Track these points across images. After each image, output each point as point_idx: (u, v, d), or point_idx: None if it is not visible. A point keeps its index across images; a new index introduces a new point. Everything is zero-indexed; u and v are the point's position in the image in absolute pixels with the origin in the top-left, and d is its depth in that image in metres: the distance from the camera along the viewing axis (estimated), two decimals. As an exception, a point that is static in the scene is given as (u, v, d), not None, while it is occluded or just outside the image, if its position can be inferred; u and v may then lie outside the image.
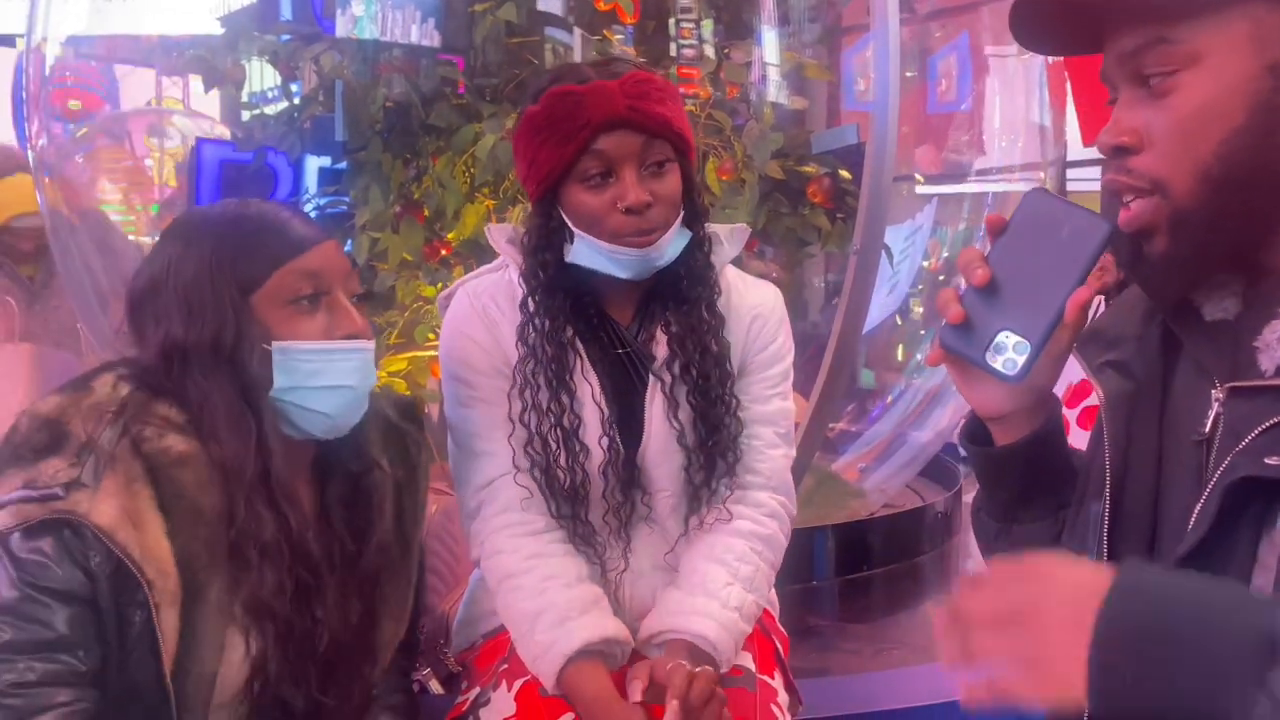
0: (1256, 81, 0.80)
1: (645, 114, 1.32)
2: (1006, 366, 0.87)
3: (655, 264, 1.37)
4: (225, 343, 1.16)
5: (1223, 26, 0.80)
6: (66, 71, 3.29)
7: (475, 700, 1.38)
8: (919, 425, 3.49)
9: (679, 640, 1.35)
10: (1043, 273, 0.87)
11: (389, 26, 2.83)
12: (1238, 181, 0.81)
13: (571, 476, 1.38)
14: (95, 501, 1.09)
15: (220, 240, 1.19)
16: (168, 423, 1.16)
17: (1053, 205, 0.89)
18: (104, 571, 1.10)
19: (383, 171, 2.89)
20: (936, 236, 4.04)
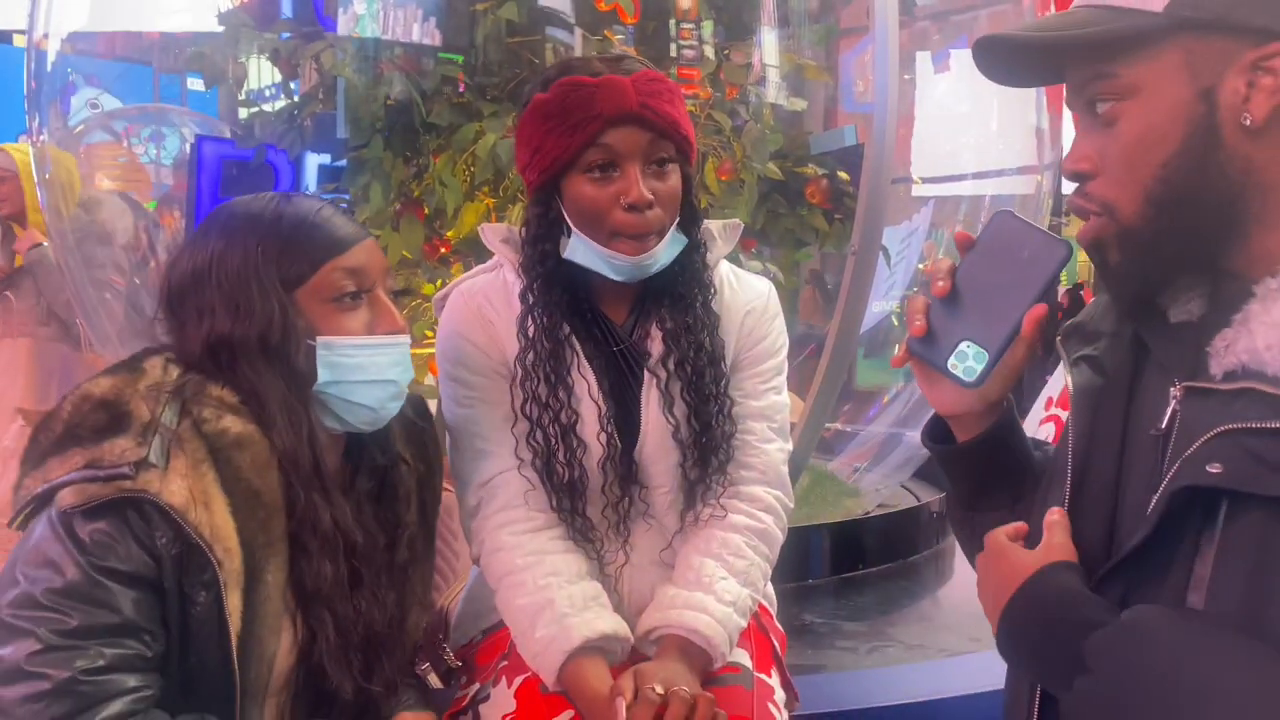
0: (1190, 107, 0.86)
1: (655, 112, 1.34)
2: (966, 374, 0.97)
3: (649, 270, 1.38)
4: (272, 339, 1.18)
5: (1156, 58, 0.86)
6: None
7: (475, 696, 1.39)
8: (914, 424, 3.51)
9: (673, 636, 1.36)
10: (1004, 289, 0.96)
11: (390, 25, 2.84)
12: (1179, 201, 0.87)
13: (570, 471, 1.39)
14: (166, 481, 1.10)
15: (265, 236, 1.20)
16: (224, 404, 1.17)
17: (1017, 227, 0.98)
18: (170, 552, 1.10)
19: (383, 169, 2.90)
20: (933, 238, 4.05)
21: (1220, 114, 0.84)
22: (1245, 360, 0.83)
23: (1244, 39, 0.83)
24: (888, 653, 2.25)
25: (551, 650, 1.31)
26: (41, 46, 3.56)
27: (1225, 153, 0.85)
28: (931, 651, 2.19)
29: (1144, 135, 0.87)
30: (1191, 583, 0.83)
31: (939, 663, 2.11)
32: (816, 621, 2.43)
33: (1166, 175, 0.87)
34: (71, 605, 1.07)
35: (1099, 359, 0.98)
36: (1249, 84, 0.83)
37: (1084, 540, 0.93)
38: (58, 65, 3.64)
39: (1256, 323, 0.83)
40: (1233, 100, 0.84)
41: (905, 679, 2.07)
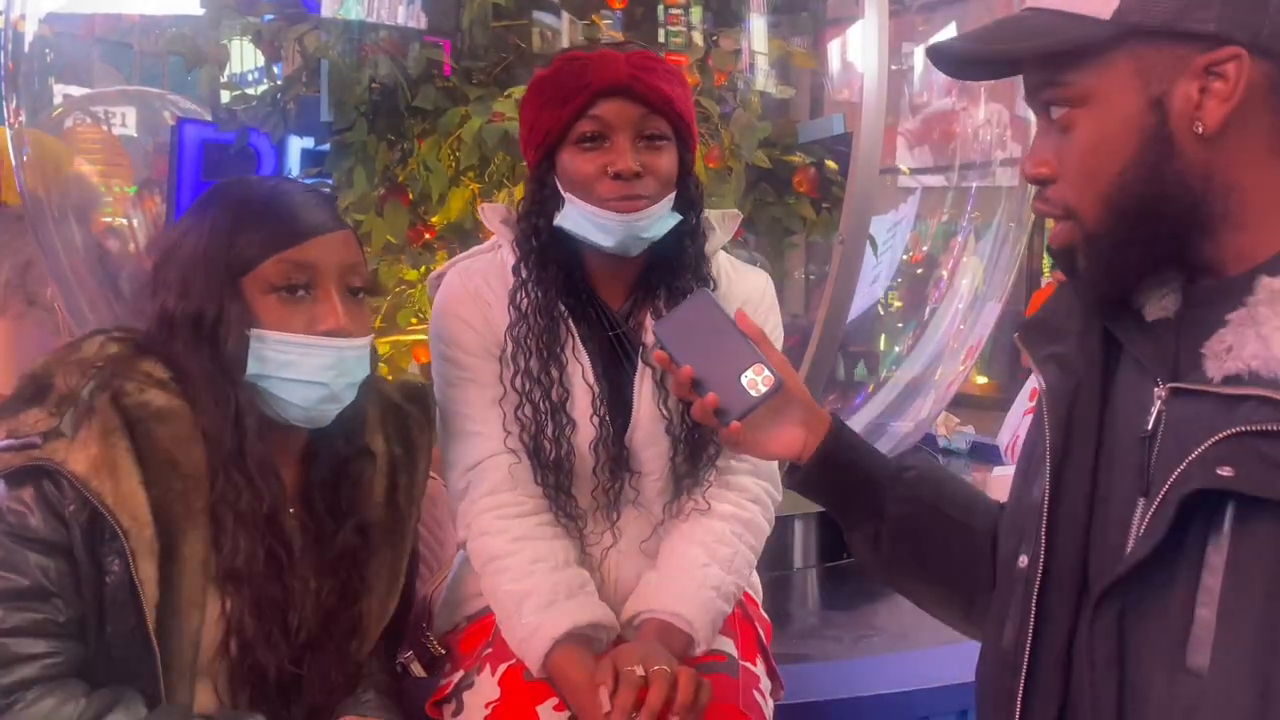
0: (1143, 116, 0.84)
1: (647, 85, 1.33)
2: (767, 383, 1.07)
3: (640, 235, 1.37)
4: (205, 321, 1.19)
5: (1108, 67, 0.85)
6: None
7: (459, 683, 1.38)
8: (899, 415, 3.51)
9: (654, 620, 1.35)
10: (711, 337, 1.09)
11: (375, 7, 2.81)
12: (1138, 208, 0.86)
13: (557, 448, 1.38)
14: (71, 450, 1.12)
15: (223, 219, 1.21)
16: (150, 378, 1.19)
17: (675, 319, 1.13)
18: (78, 520, 1.12)
19: (367, 153, 2.87)
20: (918, 229, 4.05)
21: (1173, 122, 0.84)
22: (1256, 366, 0.80)
23: (1194, 45, 0.82)
24: (873, 642, 2.25)
25: (536, 638, 1.30)
26: (19, 27, 3.51)
27: (1182, 160, 0.84)
28: (917, 641, 2.18)
29: (1098, 144, 0.86)
30: (1200, 596, 0.79)
31: (924, 652, 2.11)
32: (802, 611, 2.43)
33: (1124, 183, 0.86)
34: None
35: (1068, 357, 0.97)
36: (1201, 90, 0.82)
37: (1063, 544, 0.91)
38: (35, 46, 3.59)
39: (1269, 328, 0.80)
40: (1185, 108, 0.83)
41: (890, 669, 2.06)
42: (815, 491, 1.14)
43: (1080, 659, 0.88)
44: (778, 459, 1.15)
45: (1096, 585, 0.88)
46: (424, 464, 1.41)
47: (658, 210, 1.37)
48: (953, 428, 4.05)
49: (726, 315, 1.10)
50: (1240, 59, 0.80)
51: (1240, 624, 0.77)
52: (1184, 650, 0.80)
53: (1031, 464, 0.99)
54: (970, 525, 1.10)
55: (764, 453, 1.13)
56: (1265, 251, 0.84)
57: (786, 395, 1.09)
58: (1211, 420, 0.81)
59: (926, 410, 3.57)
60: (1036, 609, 0.92)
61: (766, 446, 1.12)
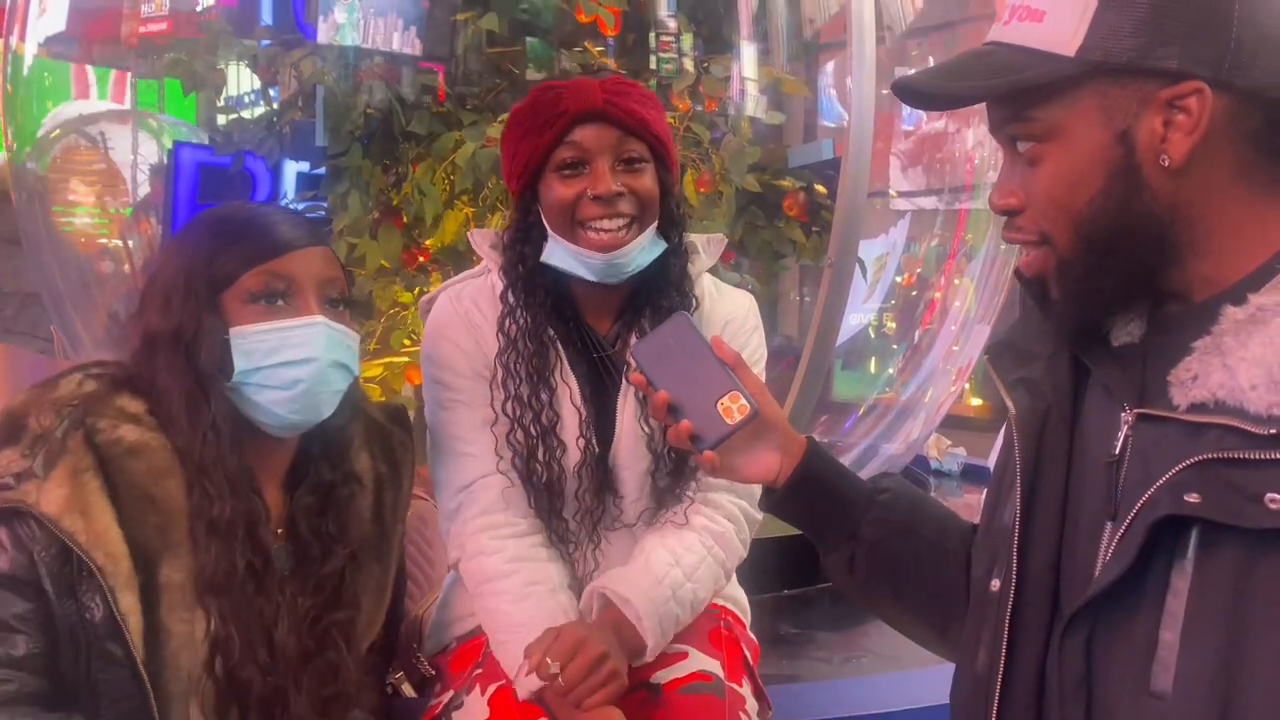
0: (1109, 150, 0.85)
1: (622, 109, 1.36)
2: (742, 412, 1.06)
3: (624, 270, 1.40)
4: (185, 334, 1.21)
5: (1073, 103, 0.86)
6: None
7: (448, 704, 1.38)
8: (889, 437, 3.53)
9: (608, 610, 1.36)
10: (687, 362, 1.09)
11: (370, 34, 2.84)
12: (1108, 239, 0.87)
13: (549, 471, 1.40)
14: (44, 491, 1.13)
15: (203, 238, 1.25)
16: (123, 414, 1.20)
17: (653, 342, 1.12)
18: (48, 558, 1.13)
19: (362, 178, 2.90)
20: (910, 252, 4.08)
21: (1139, 155, 0.84)
22: (1221, 396, 0.81)
23: (1156, 80, 0.83)
24: (861, 663, 2.26)
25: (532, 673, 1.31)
26: (18, 51, 3.54)
27: (1149, 192, 0.85)
28: (905, 662, 2.19)
29: (1066, 178, 0.87)
30: (1164, 619, 0.81)
31: (912, 673, 2.12)
32: (791, 632, 2.44)
33: (1093, 215, 0.87)
34: None
35: (1037, 381, 0.97)
36: (1165, 123, 0.83)
37: (1034, 568, 0.92)
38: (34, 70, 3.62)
39: (1234, 358, 0.81)
40: (1150, 141, 0.84)
41: (879, 689, 2.07)
42: (789, 515, 1.14)
43: (1051, 682, 0.89)
44: (753, 483, 1.15)
45: (1066, 608, 0.89)
46: (408, 482, 1.42)
47: (640, 242, 1.39)
48: (944, 449, 4.07)
49: (704, 340, 1.10)
50: (1202, 93, 0.82)
51: (1202, 648, 0.78)
52: (1148, 674, 0.81)
53: (1002, 487, 1.00)
54: (944, 546, 1.10)
55: (740, 477, 1.13)
56: (1229, 277, 0.86)
57: (762, 420, 1.09)
58: (1177, 447, 0.82)
59: (917, 432, 3.59)
60: (1009, 632, 0.92)
61: (742, 471, 1.12)
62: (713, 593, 1.47)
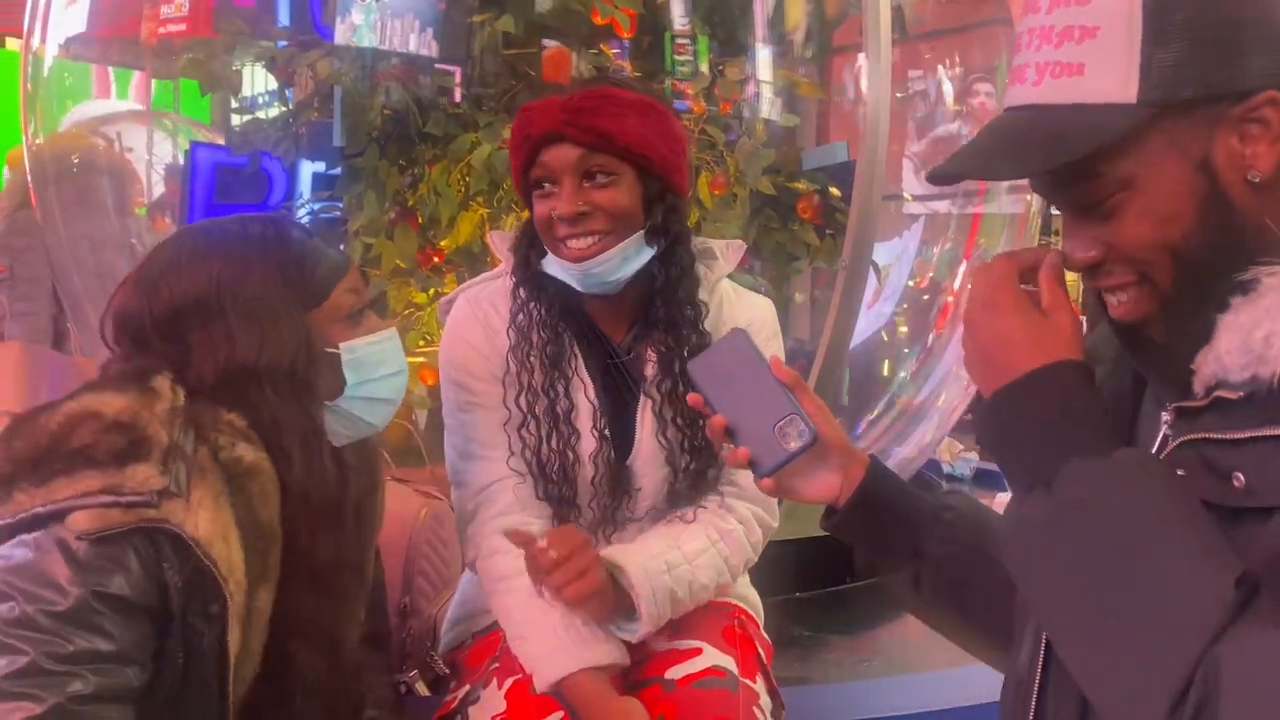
0: (1193, 182, 0.82)
1: (580, 127, 1.36)
2: (801, 437, 1.02)
3: (604, 278, 1.41)
4: (299, 366, 1.18)
5: (1142, 150, 0.82)
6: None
7: (464, 698, 1.40)
8: (901, 440, 3.52)
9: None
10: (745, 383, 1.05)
11: (387, 35, 2.85)
12: (1213, 267, 0.83)
13: (562, 459, 1.41)
14: (190, 513, 1.08)
15: (281, 260, 1.20)
16: (235, 430, 1.15)
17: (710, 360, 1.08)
18: (177, 583, 1.08)
19: (378, 178, 2.91)
20: (923, 255, 4.08)
21: (1223, 178, 0.82)
22: (1215, 370, 0.81)
23: (1223, 101, 0.81)
24: (874, 666, 2.26)
25: (548, 666, 1.32)
26: (39, 53, 3.57)
27: (1238, 213, 0.82)
28: (917, 665, 2.20)
29: (1151, 222, 0.83)
30: None
31: (924, 676, 2.12)
32: (804, 634, 2.44)
33: (1189, 248, 0.83)
34: (72, 630, 1.03)
35: (1102, 385, 0.95)
36: (1240, 139, 0.81)
37: None
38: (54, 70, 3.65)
39: (1224, 330, 0.81)
40: (1231, 161, 0.81)
41: (891, 692, 2.08)
42: (851, 535, 1.10)
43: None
44: (813, 503, 1.11)
45: None
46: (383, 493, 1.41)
47: (616, 252, 1.40)
48: (956, 454, 4.06)
49: (762, 359, 1.06)
50: (1276, 101, 0.80)
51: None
52: None
53: None
54: None
55: (799, 498, 1.09)
56: None
57: (823, 441, 1.05)
58: (1184, 429, 0.83)
59: (930, 435, 3.58)
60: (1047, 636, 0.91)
61: (801, 492, 1.08)
62: (715, 584, 1.46)
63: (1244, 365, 0.79)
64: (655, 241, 1.43)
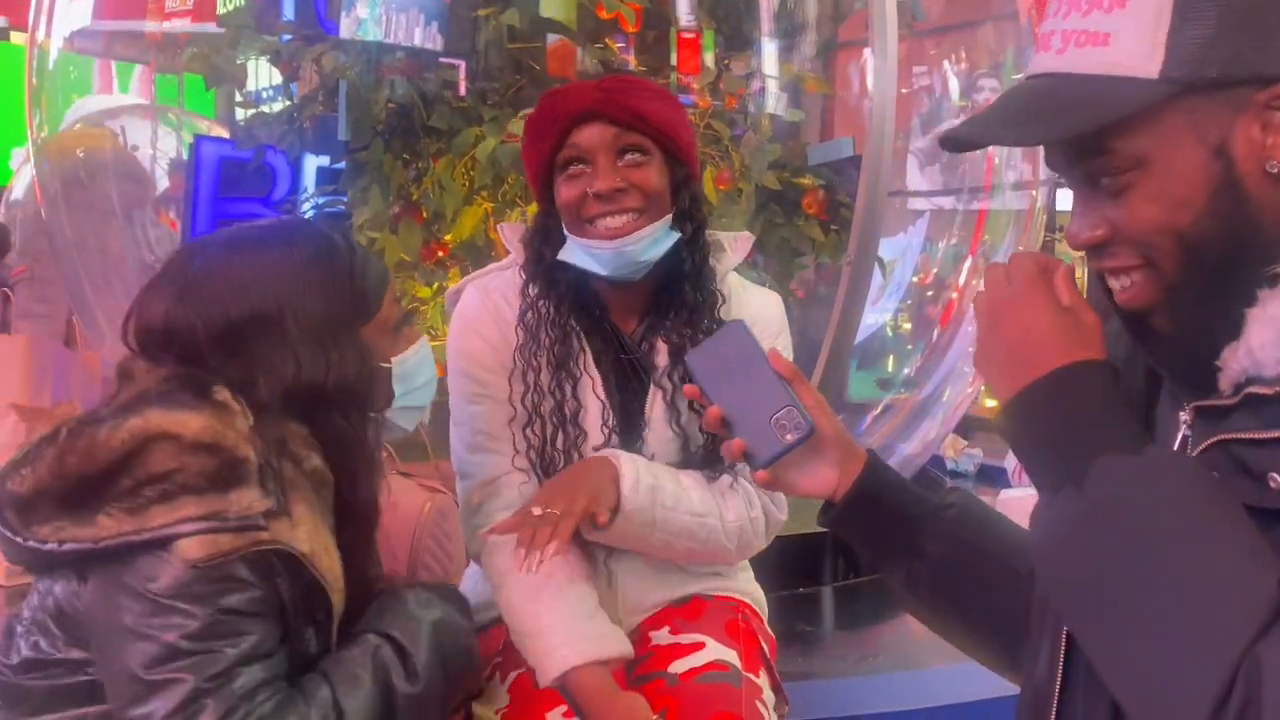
0: (1208, 168, 0.79)
1: (617, 105, 1.37)
2: (797, 430, 1.01)
3: (635, 259, 1.40)
4: (364, 385, 1.18)
5: (1158, 127, 0.79)
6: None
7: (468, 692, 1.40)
8: (906, 437, 3.52)
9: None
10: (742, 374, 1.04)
11: (392, 29, 2.85)
12: (1221, 257, 0.80)
13: (567, 460, 1.41)
14: (295, 530, 1.09)
15: (337, 276, 1.18)
16: (304, 440, 1.15)
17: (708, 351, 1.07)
18: (292, 594, 1.10)
19: (383, 172, 2.91)
20: (927, 252, 4.07)
21: (1240, 167, 0.78)
22: (1246, 365, 0.78)
23: (1248, 85, 0.78)
24: (877, 662, 2.26)
25: (551, 661, 1.32)
26: (42, 45, 3.57)
27: (1253, 205, 0.79)
28: (921, 661, 2.19)
29: (1163, 205, 0.80)
30: None
31: (928, 672, 2.12)
32: (807, 629, 2.44)
33: (1198, 234, 0.80)
34: (219, 643, 1.05)
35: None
36: (1263, 127, 0.78)
37: None
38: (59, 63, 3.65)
39: (1254, 323, 0.78)
40: (1250, 149, 0.78)
41: (893, 688, 2.08)
42: (848, 530, 1.08)
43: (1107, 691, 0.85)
44: (810, 496, 1.09)
45: None
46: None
47: (650, 231, 1.39)
48: (960, 450, 4.06)
49: (760, 350, 1.05)
50: None
51: None
52: None
53: None
54: (1013, 566, 1.02)
55: (796, 492, 1.08)
56: None
57: (820, 434, 1.03)
58: (1212, 428, 0.80)
59: (934, 432, 3.58)
60: (1067, 639, 0.89)
61: (799, 485, 1.07)
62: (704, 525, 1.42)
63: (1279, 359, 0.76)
64: (682, 226, 1.44)
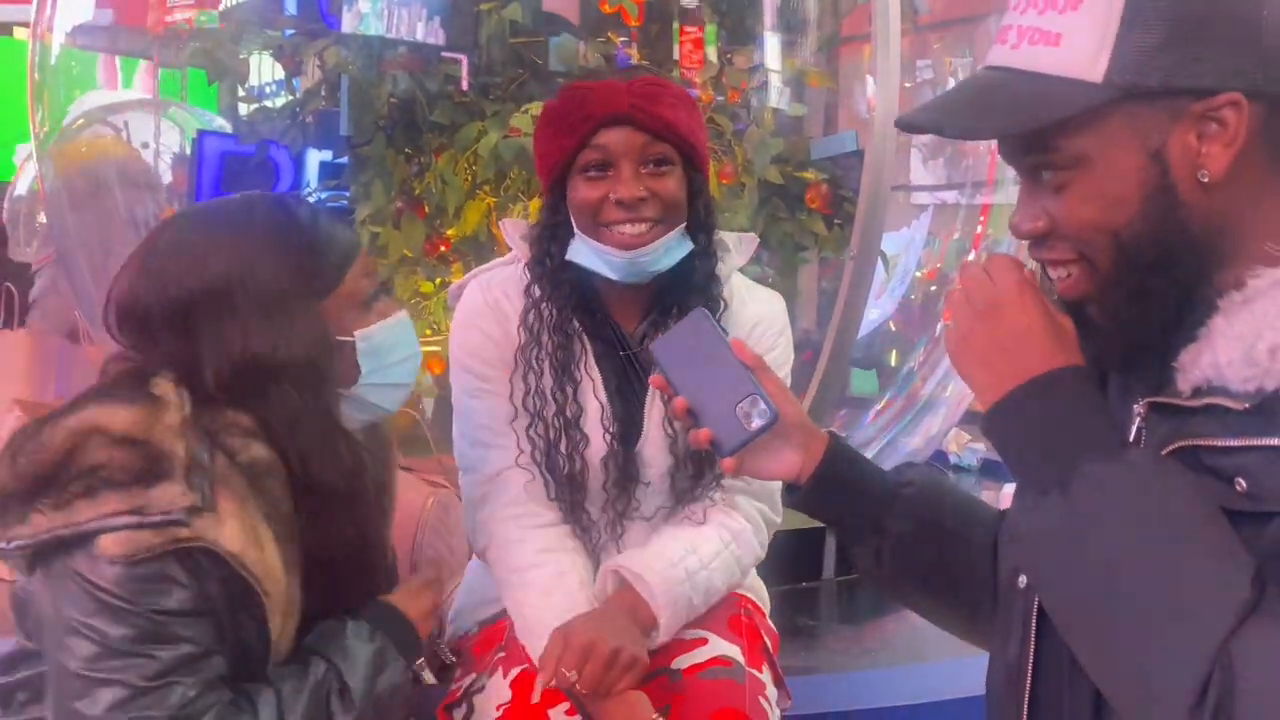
0: (1144, 171, 0.82)
1: (647, 113, 1.36)
2: (761, 417, 1.03)
3: (648, 269, 1.40)
4: (318, 357, 1.15)
5: (1101, 129, 0.82)
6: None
7: (469, 687, 1.40)
8: (909, 431, 3.52)
9: (624, 586, 1.37)
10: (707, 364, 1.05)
11: (394, 24, 2.84)
12: (1152, 258, 0.83)
13: (571, 464, 1.41)
14: (220, 526, 1.07)
15: (293, 247, 1.16)
16: (244, 430, 1.13)
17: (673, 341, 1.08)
18: (220, 589, 1.08)
19: (385, 167, 2.91)
20: (930, 246, 4.06)
21: (1174, 173, 0.82)
22: (1210, 375, 0.81)
23: (1187, 95, 0.80)
24: (879, 656, 2.26)
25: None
26: (45, 40, 3.57)
27: (1184, 209, 0.82)
28: (922, 655, 2.19)
29: (1099, 203, 0.84)
30: None
31: (930, 666, 2.12)
32: (809, 624, 2.44)
33: (1131, 235, 0.83)
34: (152, 647, 1.04)
35: None
36: (1198, 137, 0.81)
37: None
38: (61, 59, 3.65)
39: (1219, 337, 0.81)
40: (1185, 157, 0.81)
41: (896, 682, 2.07)
42: (814, 510, 1.13)
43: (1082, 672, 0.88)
44: (775, 480, 1.14)
45: None
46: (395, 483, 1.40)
47: (665, 241, 1.40)
48: (963, 444, 4.05)
49: (724, 340, 1.07)
50: (1239, 105, 0.79)
51: None
52: None
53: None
54: (969, 538, 1.09)
55: (761, 475, 1.12)
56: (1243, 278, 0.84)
57: (784, 420, 1.06)
58: (1174, 431, 0.83)
59: (937, 427, 3.58)
60: (1037, 624, 0.93)
61: (764, 469, 1.10)
62: (728, 586, 1.48)
63: (1247, 378, 0.79)
64: (696, 236, 1.44)
